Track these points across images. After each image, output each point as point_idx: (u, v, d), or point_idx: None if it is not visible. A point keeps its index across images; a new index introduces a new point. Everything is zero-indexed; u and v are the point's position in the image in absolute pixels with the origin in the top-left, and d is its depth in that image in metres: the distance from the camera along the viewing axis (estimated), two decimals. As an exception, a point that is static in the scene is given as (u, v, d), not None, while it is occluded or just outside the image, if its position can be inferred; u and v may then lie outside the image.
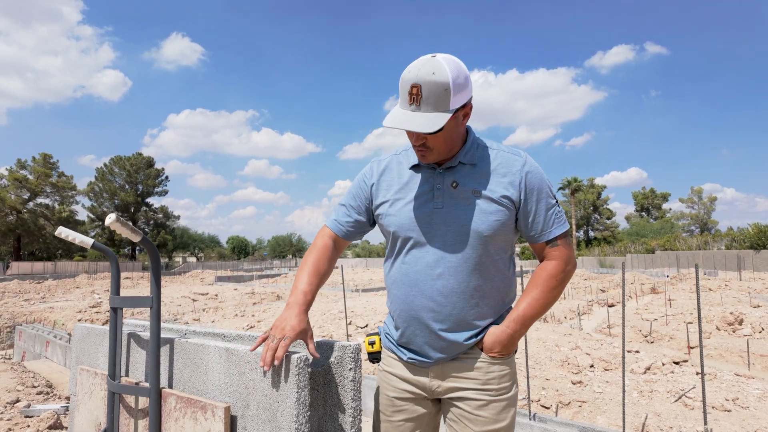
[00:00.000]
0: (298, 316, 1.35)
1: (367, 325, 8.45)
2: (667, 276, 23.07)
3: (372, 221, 1.58)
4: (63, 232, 1.78)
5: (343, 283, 4.83)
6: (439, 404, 1.52)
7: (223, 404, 1.36)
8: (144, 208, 58.48)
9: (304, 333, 1.33)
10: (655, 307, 11.20)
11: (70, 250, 52.87)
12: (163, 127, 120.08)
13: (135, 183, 57.58)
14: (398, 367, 1.50)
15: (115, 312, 1.78)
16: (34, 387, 4.99)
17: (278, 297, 15.45)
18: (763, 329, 7.64)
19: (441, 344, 1.41)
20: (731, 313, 8.14)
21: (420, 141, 1.37)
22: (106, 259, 51.06)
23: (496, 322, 1.44)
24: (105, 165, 56.86)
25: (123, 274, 31.31)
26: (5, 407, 4.13)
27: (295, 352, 1.29)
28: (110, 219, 1.43)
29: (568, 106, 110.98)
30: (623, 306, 3.23)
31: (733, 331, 7.76)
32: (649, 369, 4.96)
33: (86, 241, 1.80)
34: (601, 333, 8.39)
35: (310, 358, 1.40)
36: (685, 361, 5.25)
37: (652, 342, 7.71)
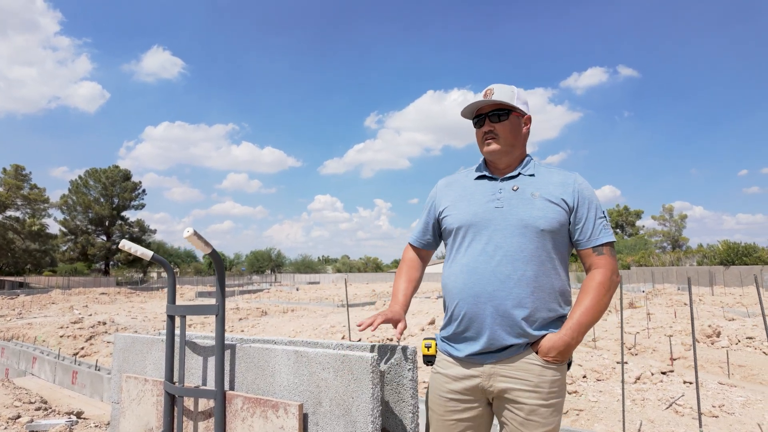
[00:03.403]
0: (395, 306, 1.67)
1: (360, 339, 8.51)
2: (643, 291, 23.76)
3: (440, 230, 1.75)
4: (126, 244, 1.88)
5: (345, 297, 4.93)
6: (491, 407, 1.58)
7: (296, 402, 1.48)
8: (119, 221, 57.17)
9: (397, 318, 1.61)
10: (635, 320, 11.56)
11: (40, 265, 51.08)
12: (140, 139, 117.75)
13: (110, 196, 56.30)
14: (453, 369, 1.57)
15: (172, 320, 1.88)
16: (32, 403, 4.91)
17: (264, 312, 15.32)
18: (739, 341, 8.01)
19: (501, 322, 1.48)
20: (709, 326, 8.52)
21: (489, 127, 1.63)
22: (79, 275, 49.50)
23: (552, 324, 1.52)
24: (80, 177, 55.53)
25: (98, 289, 30.44)
26: (7, 422, 4.09)
27: (369, 354, 1.43)
28: (188, 232, 1.55)
29: (545, 126, 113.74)
30: (621, 317, 3.43)
31: (712, 343, 8.11)
32: (639, 379, 5.19)
33: (146, 253, 1.90)
34: (586, 346, 8.64)
35: (381, 360, 1.56)
36: (672, 371, 5.51)
37: (636, 354, 7.99)
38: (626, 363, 6.00)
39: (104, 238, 56.02)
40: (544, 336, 1.50)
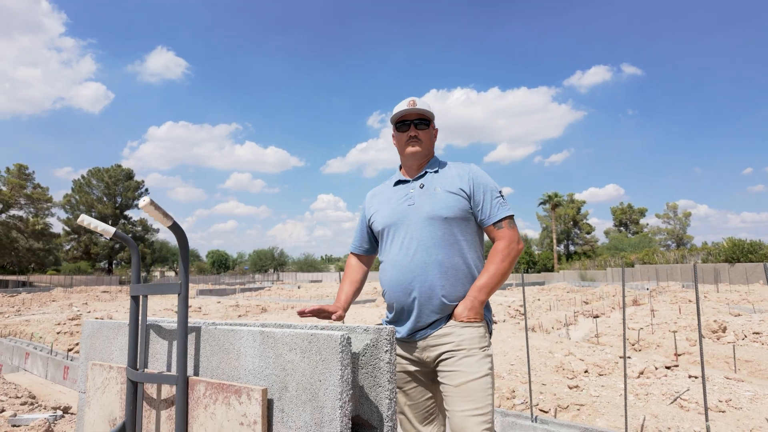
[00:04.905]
0: (336, 303, 1.91)
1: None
2: (647, 288, 23.52)
3: (375, 236, 2.02)
4: (85, 219, 1.75)
5: (333, 293, 4.79)
6: (434, 377, 1.79)
7: (260, 387, 1.34)
8: (122, 220, 57.22)
9: (332, 311, 1.82)
10: (639, 317, 11.39)
11: (43, 264, 51.20)
12: (144, 139, 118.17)
13: (113, 195, 56.38)
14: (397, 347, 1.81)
15: (136, 301, 1.75)
16: (18, 398, 4.81)
17: (263, 309, 15.20)
18: (745, 336, 7.83)
19: (425, 302, 1.73)
20: (715, 321, 8.34)
21: (414, 132, 1.89)
22: (82, 273, 49.53)
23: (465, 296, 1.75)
24: (82, 177, 55.64)
25: (100, 288, 30.42)
26: (-10, 417, 3.97)
27: (340, 331, 1.29)
28: (144, 201, 1.42)
29: (548, 125, 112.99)
30: (624, 311, 3.29)
31: (717, 339, 7.93)
32: (642, 373, 5.03)
33: (108, 229, 1.77)
34: (589, 342, 8.48)
35: (356, 340, 1.43)
36: (676, 365, 5.35)
37: (639, 350, 7.82)
38: (629, 358, 5.84)
39: (107, 237, 55.98)
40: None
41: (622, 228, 67.72)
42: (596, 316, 12.56)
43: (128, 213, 58.28)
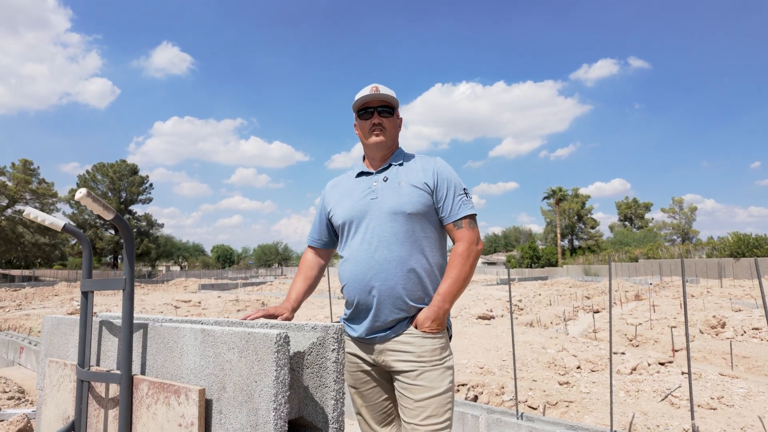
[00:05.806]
0: (285, 304, 1.81)
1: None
2: (651, 283, 23.35)
3: (334, 229, 1.93)
4: (32, 212, 1.70)
5: (334, 288, 4.74)
6: (390, 378, 1.74)
7: (198, 387, 1.28)
8: (127, 215, 57.45)
9: (280, 313, 1.70)
10: (639, 312, 11.28)
11: (50, 259, 51.57)
12: (149, 134, 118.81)
13: (118, 190, 56.59)
14: (351, 347, 1.78)
15: (86, 297, 1.70)
16: (5, 392, 4.80)
17: (263, 304, 15.21)
18: (745, 332, 7.73)
19: (385, 300, 1.66)
20: (714, 317, 8.24)
21: (378, 120, 1.79)
22: (86, 268, 49.75)
23: (428, 297, 1.69)
24: (87, 172, 55.87)
25: (104, 283, 30.57)
26: (-27, 412, 3.96)
27: (276, 330, 1.23)
28: (80, 194, 1.36)
29: (554, 119, 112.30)
30: (609, 303, 3.21)
31: (716, 334, 7.84)
32: (635, 369, 4.96)
33: (57, 223, 1.72)
34: (586, 337, 8.40)
35: (301, 339, 1.37)
36: (671, 362, 5.27)
37: (637, 345, 7.75)
38: (624, 354, 5.76)
39: (112, 232, 56.31)
40: (420, 310, 1.68)
41: (626, 223, 67.30)
42: (596, 311, 12.46)
43: (133, 208, 58.53)
